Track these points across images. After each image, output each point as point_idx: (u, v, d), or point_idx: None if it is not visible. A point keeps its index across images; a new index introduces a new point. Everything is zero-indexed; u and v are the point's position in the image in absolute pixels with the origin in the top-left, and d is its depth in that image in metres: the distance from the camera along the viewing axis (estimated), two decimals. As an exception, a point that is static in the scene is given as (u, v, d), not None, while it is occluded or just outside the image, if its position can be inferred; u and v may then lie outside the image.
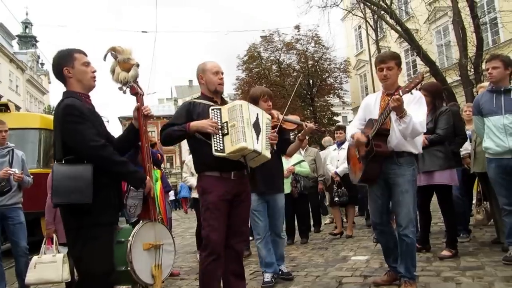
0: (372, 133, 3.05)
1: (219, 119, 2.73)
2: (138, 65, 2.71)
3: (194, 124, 2.72)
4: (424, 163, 4.01)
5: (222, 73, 2.96)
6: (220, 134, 2.70)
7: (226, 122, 2.70)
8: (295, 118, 3.70)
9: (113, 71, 2.71)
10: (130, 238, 2.43)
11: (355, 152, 3.33)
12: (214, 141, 2.69)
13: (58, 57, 2.47)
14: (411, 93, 2.91)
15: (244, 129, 2.66)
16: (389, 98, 3.01)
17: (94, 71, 2.52)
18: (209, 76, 2.91)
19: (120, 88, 2.72)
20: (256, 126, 2.80)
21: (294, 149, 3.76)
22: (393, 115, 2.99)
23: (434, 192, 4.25)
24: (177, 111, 2.99)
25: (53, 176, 2.24)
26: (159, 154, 4.80)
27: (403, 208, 3.07)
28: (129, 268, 2.40)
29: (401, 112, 2.86)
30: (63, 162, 2.30)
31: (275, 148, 3.12)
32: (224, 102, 2.98)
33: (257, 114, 2.86)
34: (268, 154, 2.85)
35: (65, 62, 2.43)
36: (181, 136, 2.81)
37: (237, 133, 2.64)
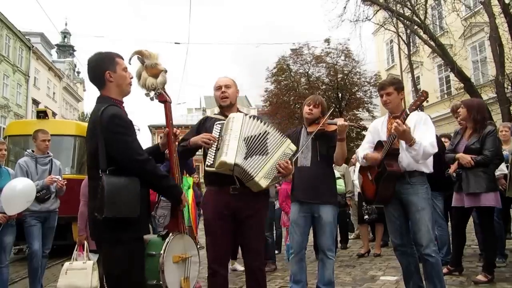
0: (382, 154, 3.06)
1: (218, 133, 2.75)
2: (166, 71, 2.64)
3: (193, 139, 2.78)
4: (469, 184, 3.88)
5: (226, 86, 2.96)
6: (215, 148, 2.70)
7: (222, 136, 2.71)
8: (336, 120, 3.39)
9: (139, 76, 2.60)
10: (162, 252, 2.42)
11: (367, 174, 3.31)
12: (208, 155, 2.71)
13: (100, 59, 2.39)
14: (418, 110, 2.97)
15: (229, 142, 2.61)
16: (396, 121, 3.03)
17: (131, 78, 2.48)
18: (214, 93, 3.01)
19: (147, 94, 2.62)
20: (257, 145, 2.68)
21: (339, 154, 3.31)
22: (402, 142, 2.99)
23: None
24: (192, 127, 3.07)
25: (105, 188, 2.12)
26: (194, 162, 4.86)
27: (421, 226, 3.00)
28: (161, 282, 2.38)
29: (409, 141, 2.87)
30: (107, 172, 2.21)
31: (281, 180, 2.94)
32: None
33: (266, 133, 2.72)
34: (263, 182, 2.64)
35: (107, 65, 2.36)
36: (182, 151, 2.79)
37: (223, 146, 2.63)
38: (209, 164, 2.67)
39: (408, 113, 2.87)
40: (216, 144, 2.71)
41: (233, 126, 2.67)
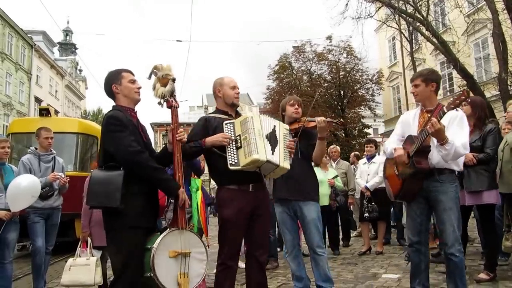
0: (412, 150, 2.96)
1: (232, 132, 2.84)
2: (174, 80, 2.84)
3: (209, 139, 2.85)
4: (471, 182, 3.86)
5: (238, 88, 3.10)
6: (234, 147, 2.80)
7: (239, 135, 2.80)
8: (316, 118, 3.40)
9: (154, 87, 2.86)
10: (154, 245, 2.48)
11: (393, 168, 3.20)
12: (228, 155, 2.79)
13: (108, 76, 2.74)
14: (457, 110, 2.84)
15: (256, 141, 2.74)
16: (429, 115, 2.94)
17: (139, 88, 2.75)
18: (226, 90, 3.06)
19: (159, 103, 2.86)
20: (272, 138, 2.89)
21: (319, 153, 3.38)
22: (434, 139, 2.90)
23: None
24: (193, 128, 3.07)
25: (89, 181, 2.47)
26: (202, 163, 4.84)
27: (447, 226, 2.95)
28: (152, 274, 2.44)
29: (442, 140, 2.78)
30: (103, 168, 2.51)
31: (293, 156, 3.09)
32: (238, 115, 3.08)
33: (274, 126, 2.95)
34: (287, 165, 2.92)
35: (113, 80, 2.71)
36: (197, 152, 2.94)
37: (249, 145, 2.73)
38: (233, 163, 2.77)
39: (446, 111, 2.75)
40: (234, 143, 2.80)
41: (254, 125, 2.81)
